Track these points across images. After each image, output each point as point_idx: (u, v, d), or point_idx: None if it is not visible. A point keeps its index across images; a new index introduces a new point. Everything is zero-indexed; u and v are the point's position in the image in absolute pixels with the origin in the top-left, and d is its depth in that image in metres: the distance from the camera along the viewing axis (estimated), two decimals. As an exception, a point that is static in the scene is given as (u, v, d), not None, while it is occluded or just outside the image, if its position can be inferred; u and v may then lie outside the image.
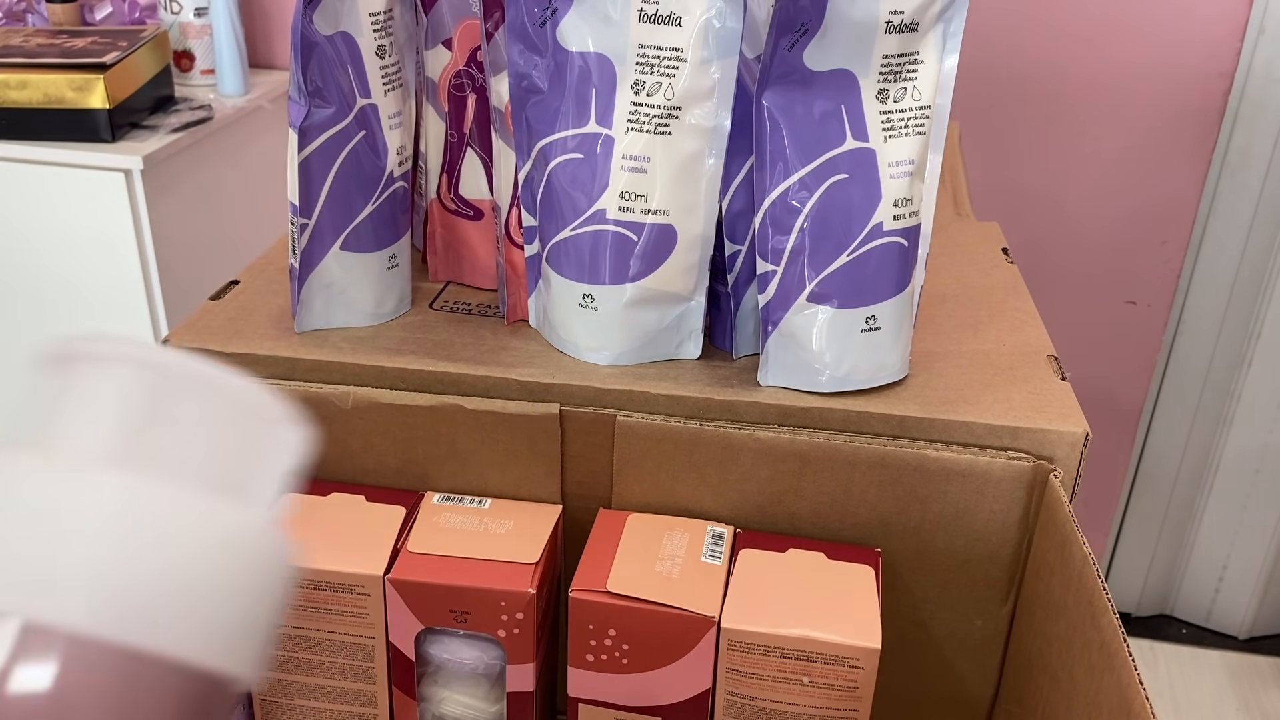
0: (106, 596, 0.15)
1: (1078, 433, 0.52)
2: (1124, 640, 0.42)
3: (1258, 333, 1.39)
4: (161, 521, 0.15)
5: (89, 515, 0.15)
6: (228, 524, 0.16)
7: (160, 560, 0.15)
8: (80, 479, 0.15)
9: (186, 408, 0.16)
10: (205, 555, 0.15)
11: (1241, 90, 1.29)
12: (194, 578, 0.15)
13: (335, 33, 0.55)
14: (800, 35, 0.51)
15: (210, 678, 0.16)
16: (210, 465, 0.16)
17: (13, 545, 0.15)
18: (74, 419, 0.16)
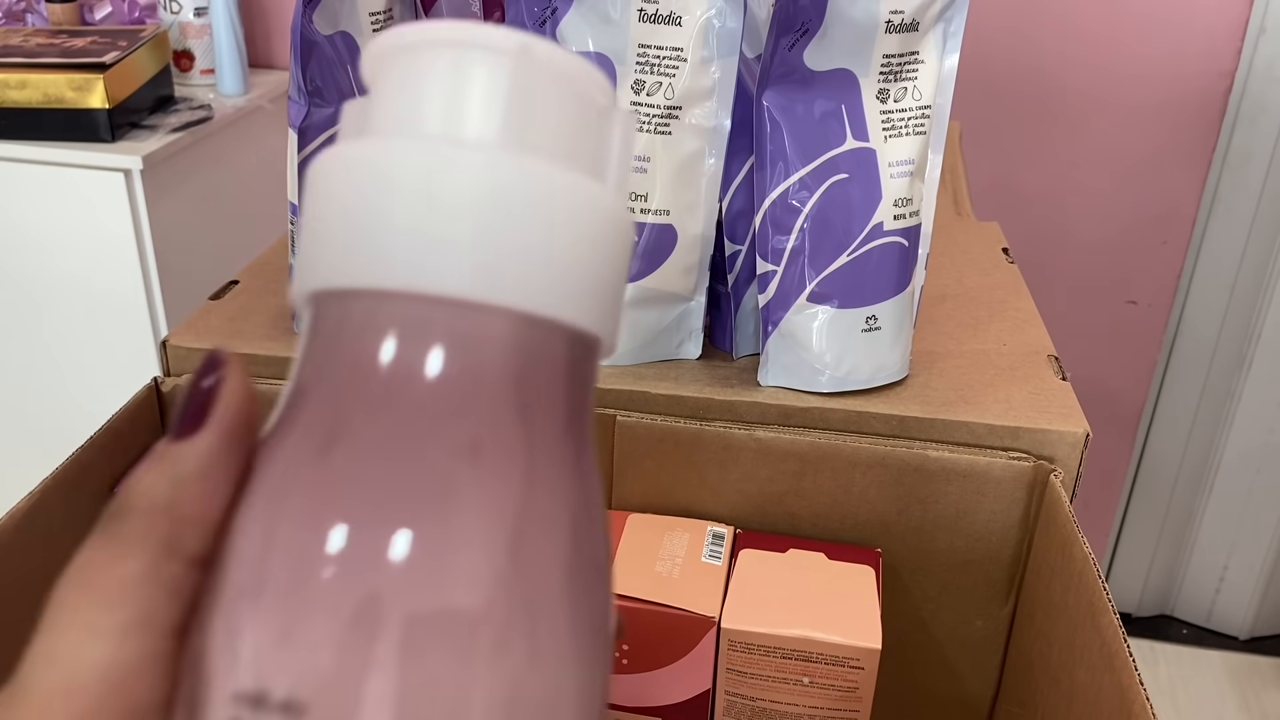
0: (499, 268, 0.16)
1: (1078, 433, 0.52)
2: (1124, 641, 0.42)
3: (1258, 333, 1.39)
4: (541, 197, 0.16)
5: (475, 191, 0.16)
6: (597, 201, 0.17)
7: (542, 233, 0.16)
8: (462, 156, 0.16)
9: (544, 88, 0.17)
10: (580, 229, 0.17)
11: (1242, 90, 1.29)
12: (571, 250, 0.17)
13: (335, 32, 0.55)
14: (800, 35, 0.51)
15: (586, 339, 0.17)
16: (573, 147, 0.17)
17: (401, 224, 0.16)
18: (438, 103, 0.17)
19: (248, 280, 0.65)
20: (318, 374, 0.18)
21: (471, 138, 0.17)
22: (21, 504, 0.48)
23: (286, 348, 0.58)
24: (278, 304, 0.62)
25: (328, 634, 0.15)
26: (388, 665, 0.15)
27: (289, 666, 0.15)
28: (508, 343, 0.16)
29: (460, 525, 0.15)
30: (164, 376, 0.58)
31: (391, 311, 0.17)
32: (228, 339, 0.58)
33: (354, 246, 0.16)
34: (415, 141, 0.17)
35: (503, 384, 0.16)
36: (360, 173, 0.17)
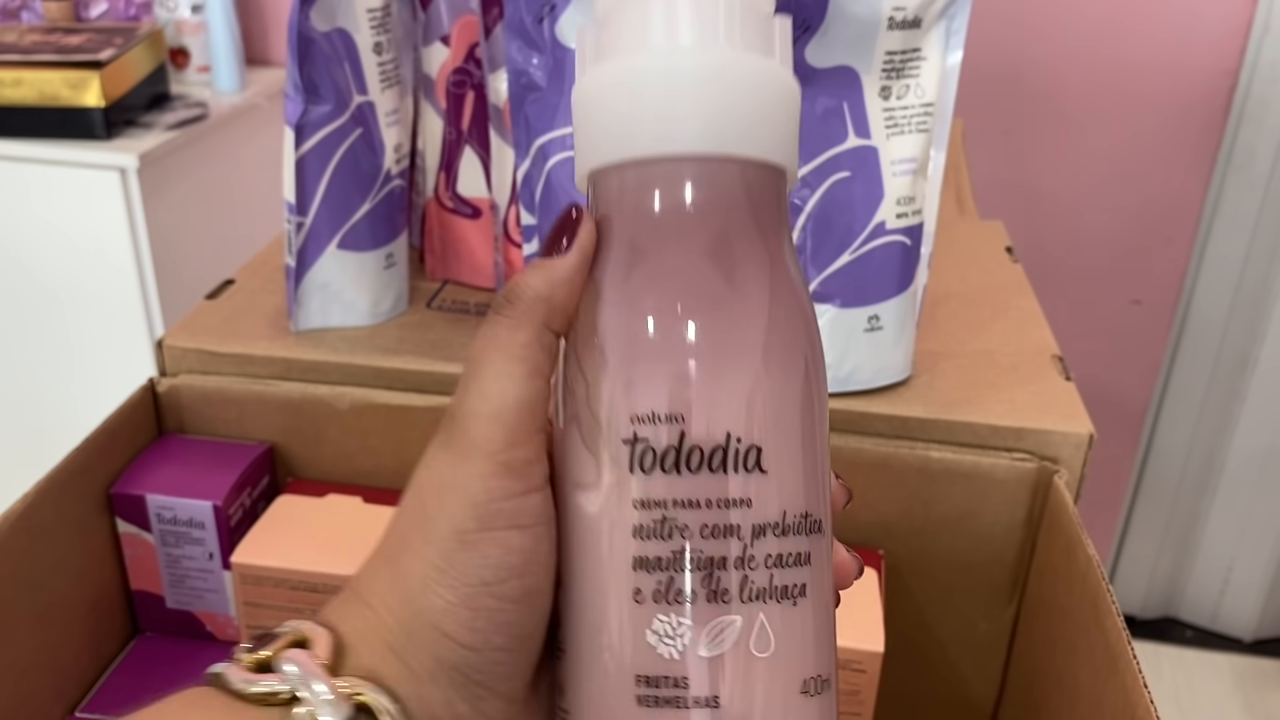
0: (726, 128, 0.24)
1: (1082, 434, 0.52)
2: (1129, 643, 0.41)
3: (1263, 332, 1.38)
4: (748, 77, 0.24)
5: (698, 75, 0.24)
6: (779, 76, 0.25)
7: (752, 101, 0.24)
8: (686, 58, 0.24)
9: (729, 6, 0.25)
10: (771, 96, 0.25)
11: (1246, 88, 1.28)
12: (767, 111, 0.25)
13: (332, 29, 0.54)
14: (802, 32, 0.50)
15: (781, 171, 0.26)
16: (754, 41, 0.25)
17: (651, 114, 0.24)
18: (662, 19, 0.25)
19: (244, 279, 0.65)
20: (611, 225, 0.26)
21: (688, 44, 0.25)
22: (17, 504, 0.47)
23: (282, 347, 0.57)
24: (274, 303, 0.61)
25: (664, 382, 0.24)
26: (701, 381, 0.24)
27: (650, 399, 0.24)
28: (738, 178, 0.25)
29: (736, 302, 0.24)
30: (159, 376, 0.58)
31: (657, 170, 0.25)
32: (223, 338, 0.58)
33: (624, 133, 0.25)
34: (652, 54, 0.25)
35: (740, 206, 0.25)
36: (620, 82, 0.25)
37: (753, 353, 0.24)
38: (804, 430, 0.25)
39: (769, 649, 0.23)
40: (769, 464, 0.24)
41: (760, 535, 0.23)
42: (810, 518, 0.24)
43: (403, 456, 0.56)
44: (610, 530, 0.24)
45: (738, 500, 0.23)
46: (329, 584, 0.50)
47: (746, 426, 0.24)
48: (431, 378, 0.56)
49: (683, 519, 0.23)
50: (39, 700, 0.49)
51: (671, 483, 0.23)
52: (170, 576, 0.54)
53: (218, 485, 0.53)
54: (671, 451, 0.23)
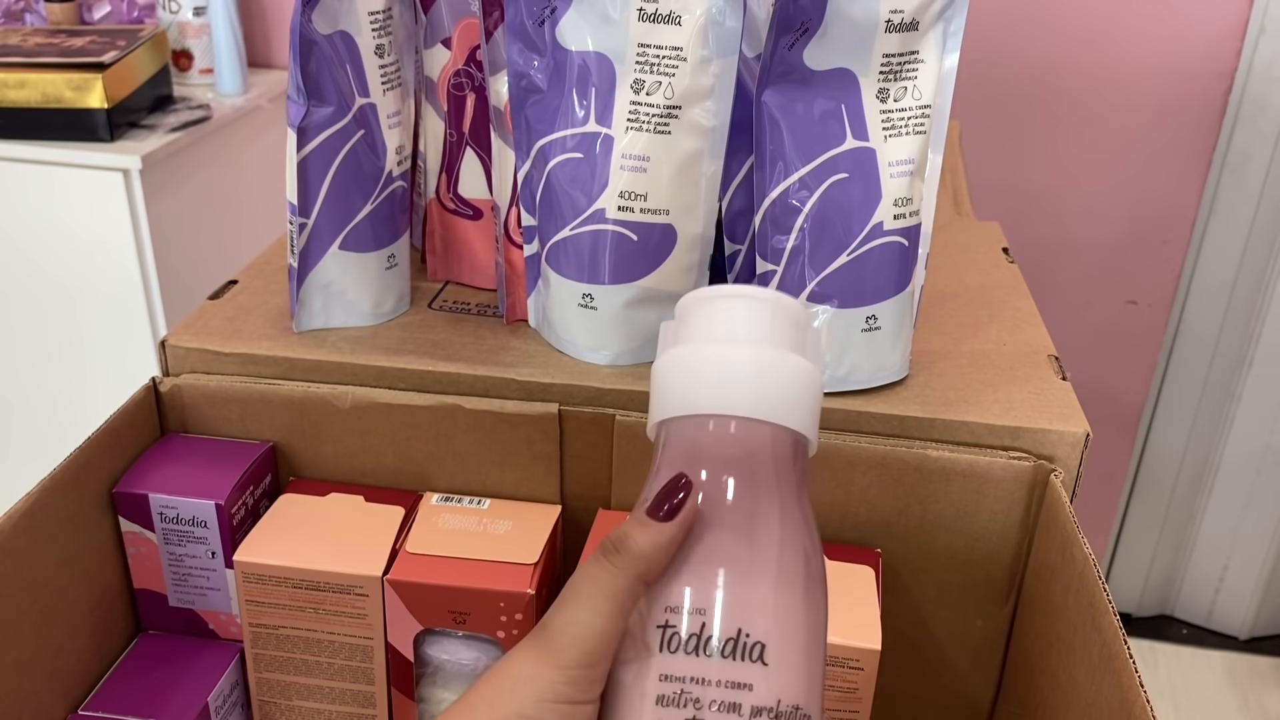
0: (761, 400, 0.31)
1: (1078, 433, 0.52)
2: (1124, 642, 0.41)
3: (1258, 333, 1.39)
4: (781, 368, 0.32)
5: (748, 365, 0.32)
6: (807, 370, 0.32)
7: (781, 385, 0.31)
8: (741, 350, 0.32)
9: (781, 316, 0.32)
10: (798, 383, 0.32)
11: (1242, 90, 1.29)
12: (795, 393, 0.32)
13: (334, 32, 0.55)
14: (800, 34, 0.51)
15: (802, 440, 0.32)
16: (792, 341, 0.32)
17: (709, 384, 0.31)
18: (725, 322, 0.33)
19: (246, 280, 0.65)
20: (668, 459, 0.32)
21: (744, 339, 0.32)
22: (20, 503, 0.48)
23: (284, 347, 0.57)
24: (276, 303, 0.62)
25: (695, 584, 0.30)
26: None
27: (682, 595, 0.30)
28: (769, 438, 0.32)
29: (754, 529, 0.31)
30: (162, 376, 0.58)
31: (714, 423, 0.32)
32: (226, 339, 0.58)
33: (690, 395, 0.32)
34: (716, 344, 0.32)
35: (765, 457, 0.31)
36: (692, 358, 0.32)
37: (764, 572, 0.30)
38: (802, 639, 0.30)
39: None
40: (770, 659, 0.29)
41: (756, 715, 0.28)
42: (800, 710, 0.29)
43: (404, 455, 0.57)
44: (639, 699, 0.29)
45: (742, 684, 0.28)
46: (331, 582, 0.51)
47: (753, 625, 0.29)
48: (433, 377, 0.56)
49: (695, 692, 0.28)
50: (42, 698, 0.50)
51: (690, 663, 0.29)
52: (173, 575, 0.55)
53: (220, 484, 0.53)
54: (693, 638, 0.29)
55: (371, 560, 0.51)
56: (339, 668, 0.53)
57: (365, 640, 0.52)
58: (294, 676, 0.54)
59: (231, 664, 0.54)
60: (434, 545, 0.52)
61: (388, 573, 0.51)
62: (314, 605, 0.51)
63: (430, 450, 0.56)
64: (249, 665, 0.54)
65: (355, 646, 0.52)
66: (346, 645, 0.52)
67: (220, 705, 0.54)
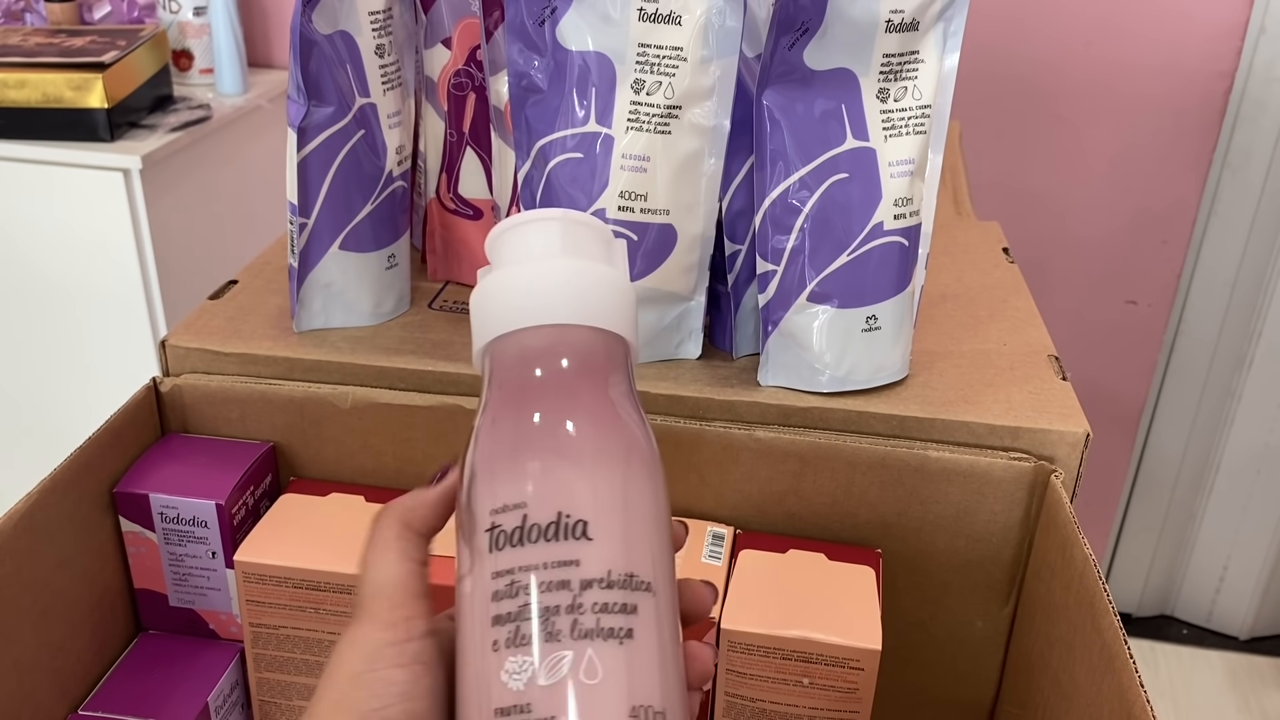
0: (578, 306, 0.33)
1: (1078, 433, 0.52)
2: (1125, 642, 0.41)
3: (1258, 332, 1.39)
4: (590, 275, 0.33)
5: (558, 275, 0.33)
6: (614, 276, 0.34)
7: (593, 290, 0.33)
8: (550, 262, 0.34)
9: (576, 230, 0.34)
10: (609, 287, 0.33)
11: (1242, 90, 1.29)
12: (608, 297, 0.33)
13: (334, 32, 0.55)
14: (800, 34, 0.51)
15: (621, 341, 0.34)
16: (596, 253, 0.34)
17: (524, 296, 0.33)
18: (530, 242, 0.34)
19: (247, 280, 0.65)
20: (490, 383, 0.33)
21: (536, 256, 0.34)
22: (21, 503, 0.48)
23: (285, 347, 0.57)
24: (276, 304, 0.62)
25: (512, 480, 0.31)
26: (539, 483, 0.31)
27: (503, 495, 0.31)
28: (588, 341, 0.33)
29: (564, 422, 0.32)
30: (163, 376, 0.58)
31: (537, 335, 0.33)
32: (226, 339, 0.58)
33: (509, 314, 0.33)
34: (528, 262, 0.34)
35: (592, 363, 0.33)
36: (506, 280, 0.34)
37: (578, 458, 0.31)
38: (631, 514, 0.31)
39: (596, 677, 0.28)
40: (594, 533, 0.30)
41: (587, 587, 0.29)
42: (635, 578, 0.30)
43: (404, 455, 0.57)
44: (476, 601, 0.30)
45: (568, 561, 0.29)
46: (331, 582, 0.51)
47: (573, 506, 0.30)
48: (433, 377, 0.56)
49: (525, 579, 0.29)
50: (42, 698, 0.50)
51: (516, 554, 0.29)
52: (173, 575, 0.55)
53: (221, 484, 0.53)
54: (517, 530, 0.30)
55: (372, 560, 0.51)
56: (339, 668, 0.53)
57: (365, 640, 0.52)
58: (294, 676, 0.54)
59: (231, 664, 0.54)
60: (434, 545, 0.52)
61: (388, 573, 0.50)
62: (314, 605, 0.51)
63: (430, 450, 0.56)
64: (249, 665, 0.54)
65: (355, 646, 0.52)
66: (347, 645, 0.52)
67: (220, 705, 0.54)
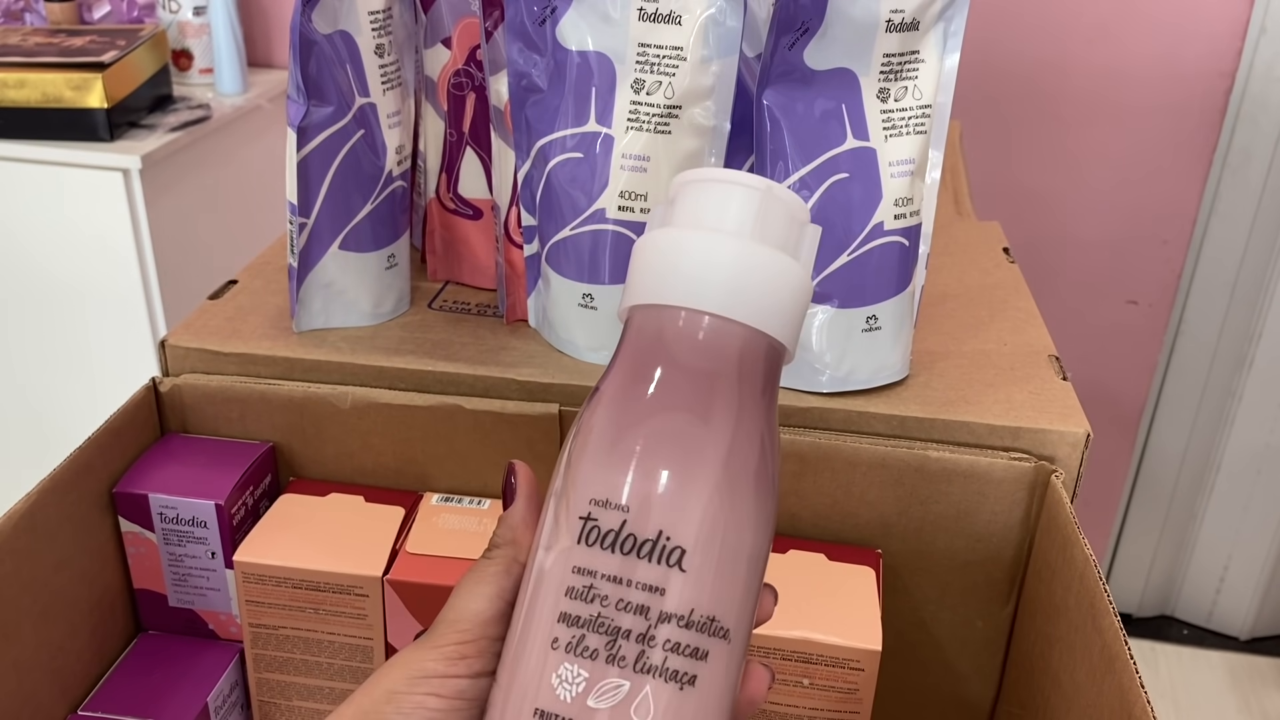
0: (737, 300, 0.29)
1: (1079, 433, 0.52)
2: (1125, 643, 0.41)
3: (1259, 333, 1.39)
4: (765, 265, 0.30)
5: (731, 259, 0.30)
6: (794, 270, 0.30)
7: (764, 284, 0.30)
8: (754, 253, 0.30)
9: (775, 208, 0.31)
10: (784, 284, 0.30)
11: (1243, 89, 1.29)
12: (798, 305, 0.31)
13: (334, 31, 0.54)
14: (801, 34, 0.51)
15: (779, 347, 0.31)
16: (783, 239, 0.31)
17: (687, 276, 0.30)
18: (715, 210, 0.31)
19: (246, 280, 0.65)
20: (630, 349, 0.31)
21: (731, 231, 0.30)
22: (20, 503, 0.48)
23: (285, 347, 0.57)
24: (276, 304, 0.62)
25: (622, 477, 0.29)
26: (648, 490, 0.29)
27: (608, 488, 0.29)
28: (738, 339, 0.30)
29: (701, 434, 0.29)
30: (162, 376, 0.58)
31: (683, 318, 0.30)
32: (226, 338, 0.58)
33: (666, 284, 0.30)
34: (699, 231, 0.31)
35: (731, 361, 0.30)
36: (670, 245, 0.31)
37: (701, 478, 0.29)
38: (733, 553, 0.29)
39: (647, 717, 0.27)
40: (689, 566, 0.28)
41: (665, 621, 0.28)
42: (716, 623, 0.28)
43: (404, 455, 0.57)
44: (550, 585, 0.29)
45: (653, 587, 0.28)
46: (331, 583, 0.51)
47: (676, 530, 0.28)
48: (433, 377, 0.56)
49: (605, 589, 0.28)
50: (42, 698, 0.50)
51: (605, 558, 0.28)
52: (173, 575, 0.55)
53: (220, 484, 0.53)
54: (612, 533, 0.28)
55: (371, 560, 0.51)
56: (339, 668, 0.53)
57: (365, 640, 0.52)
58: (294, 677, 0.54)
59: (231, 664, 0.54)
60: (434, 545, 0.52)
61: (388, 573, 0.51)
62: (314, 605, 0.51)
63: (430, 450, 0.56)
64: (249, 665, 0.54)
65: (355, 647, 0.52)
66: (346, 645, 0.52)
67: (220, 705, 0.53)
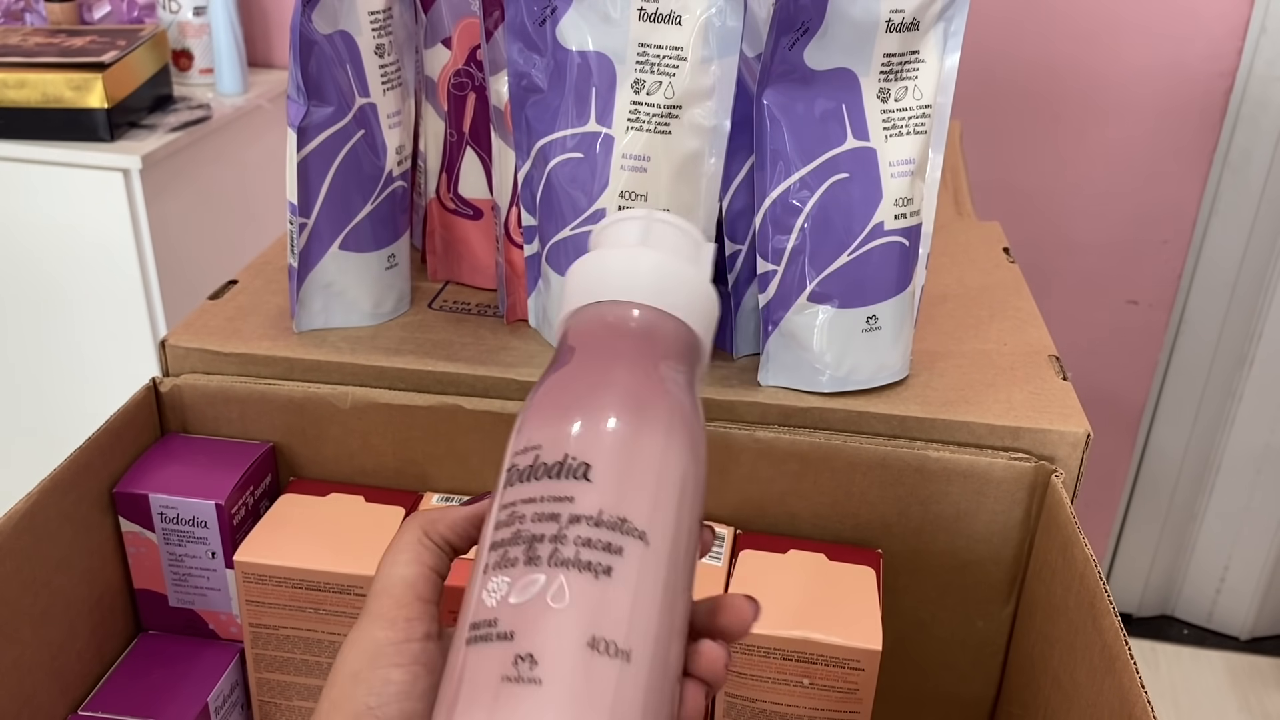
0: (660, 292, 0.34)
1: (1079, 433, 0.52)
2: (1125, 643, 0.41)
3: (1259, 332, 1.39)
4: (673, 270, 0.35)
5: (643, 266, 0.35)
6: (696, 276, 0.35)
7: (676, 283, 0.35)
8: (637, 253, 0.35)
9: (666, 231, 0.36)
10: (691, 285, 0.35)
11: (1243, 90, 1.29)
12: (688, 292, 0.35)
13: (334, 31, 0.54)
14: (801, 34, 0.51)
15: (696, 339, 0.35)
16: (681, 251, 0.36)
17: (612, 280, 0.35)
18: (620, 237, 0.36)
19: (246, 280, 0.65)
20: (577, 340, 0.35)
21: (641, 245, 0.36)
22: (21, 503, 0.48)
23: (285, 347, 0.57)
24: (276, 304, 0.62)
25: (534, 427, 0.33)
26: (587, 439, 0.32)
27: (523, 439, 0.33)
28: (655, 323, 0.34)
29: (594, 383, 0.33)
30: (162, 376, 0.58)
31: (615, 308, 0.34)
32: (226, 339, 0.58)
33: (597, 286, 0.35)
34: (621, 249, 0.36)
35: (656, 343, 0.34)
36: (602, 260, 0.36)
37: (603, 409, 0.32)
38: (642, 467, 0.32)
39: (563, 603, 0.29)
40: (595, 477, 0.31)
41: (575, 522, 0.30)
42: (628, 523, 0.31)
43: (404, 455, 0.57)
44: (486, 529, 0.32)
45: (562, 497, 0.31)
46: (331, 582, 0.51)
47: (580, 450, 0.31)
48: (433, 377, 0.56)
49: (522, 510, 0.31)
50: (42, 698, 0.50)
51: (521, 489, 0.31)
52: (173, 575, 0.55)
53: (220, 484, 0.53)
54: (528, 469, 0.32)
55: (371, 560, 0.51)
56: (339, 668, 0.53)
57: (365, 640, 0.52)
58: (294, 676, 0.54)
59: (231, 664, 0.54)
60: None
61: (388, 573, 0.50)
62: (314, 605, 0.51)
63: (430, 450, 0.56)
64: (249, 665, 0.54)
65: (355, 647, 0.52)
66: (346, 645, 0.52)
67: (220, 705, 0.53)
